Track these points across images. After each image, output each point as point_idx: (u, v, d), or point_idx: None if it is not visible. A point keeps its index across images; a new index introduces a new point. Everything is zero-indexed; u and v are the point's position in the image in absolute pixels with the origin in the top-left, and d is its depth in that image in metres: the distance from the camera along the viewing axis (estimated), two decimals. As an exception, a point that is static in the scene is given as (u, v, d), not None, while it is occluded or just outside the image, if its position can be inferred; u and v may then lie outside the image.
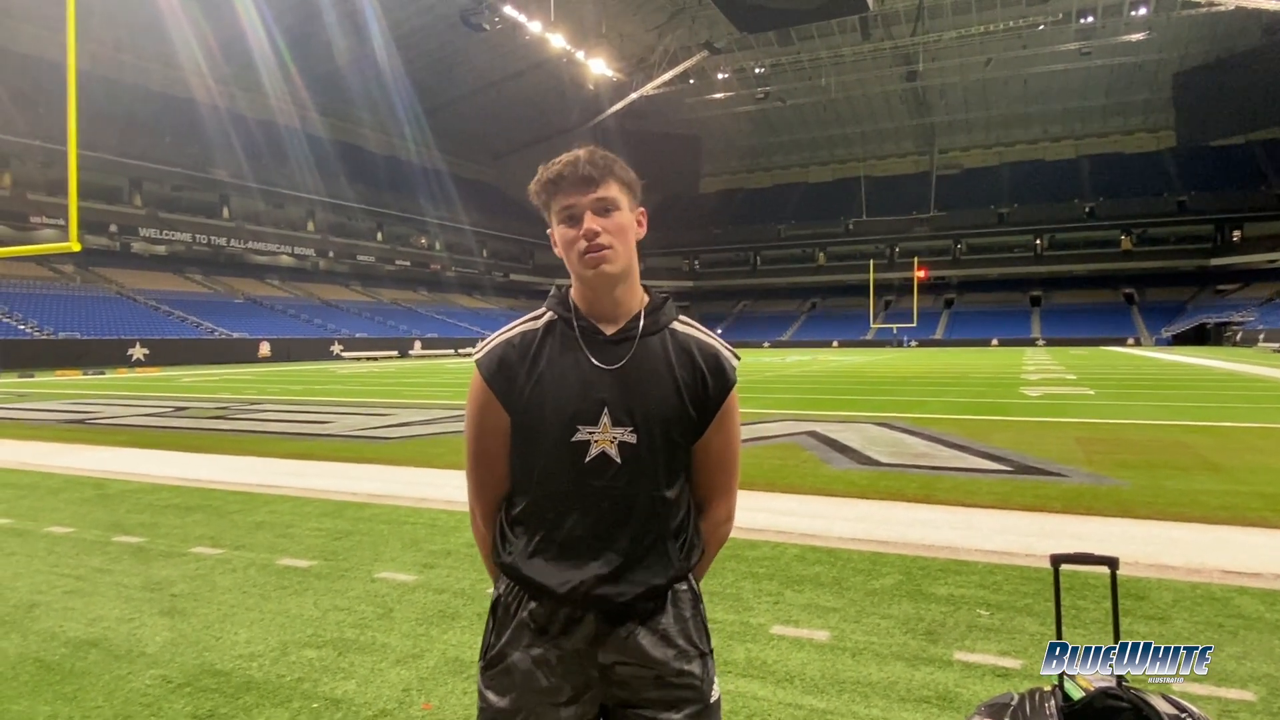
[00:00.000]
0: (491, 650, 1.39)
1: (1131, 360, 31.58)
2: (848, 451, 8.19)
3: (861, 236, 73.99)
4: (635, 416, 1.35)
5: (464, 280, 68.11)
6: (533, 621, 1.36)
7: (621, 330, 1.39)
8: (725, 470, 1.47)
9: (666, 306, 1.46)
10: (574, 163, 1.35)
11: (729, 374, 1.43)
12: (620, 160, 1.40)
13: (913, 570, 4.19)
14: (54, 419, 12.51)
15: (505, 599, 1.40)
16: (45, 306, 35.72)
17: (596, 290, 1.38)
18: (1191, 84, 59.69)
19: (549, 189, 1.37)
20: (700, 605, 1.44)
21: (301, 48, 51.82)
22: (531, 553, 1.37)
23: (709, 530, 1.49)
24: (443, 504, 5.96)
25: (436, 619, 3.55)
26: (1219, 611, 3.53)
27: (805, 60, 59.35)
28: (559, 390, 1.35)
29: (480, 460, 1.44)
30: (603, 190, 1.35)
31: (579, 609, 1.34)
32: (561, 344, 1.39)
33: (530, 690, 1.34)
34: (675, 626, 1.38)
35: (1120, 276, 66.18)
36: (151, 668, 3.05)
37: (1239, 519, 5.20)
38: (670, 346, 1.41)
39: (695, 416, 1.40)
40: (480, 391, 1.41)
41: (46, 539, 5.04)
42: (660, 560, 1.37)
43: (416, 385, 20.49)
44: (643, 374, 1.37)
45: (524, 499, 1.40)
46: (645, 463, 1.35)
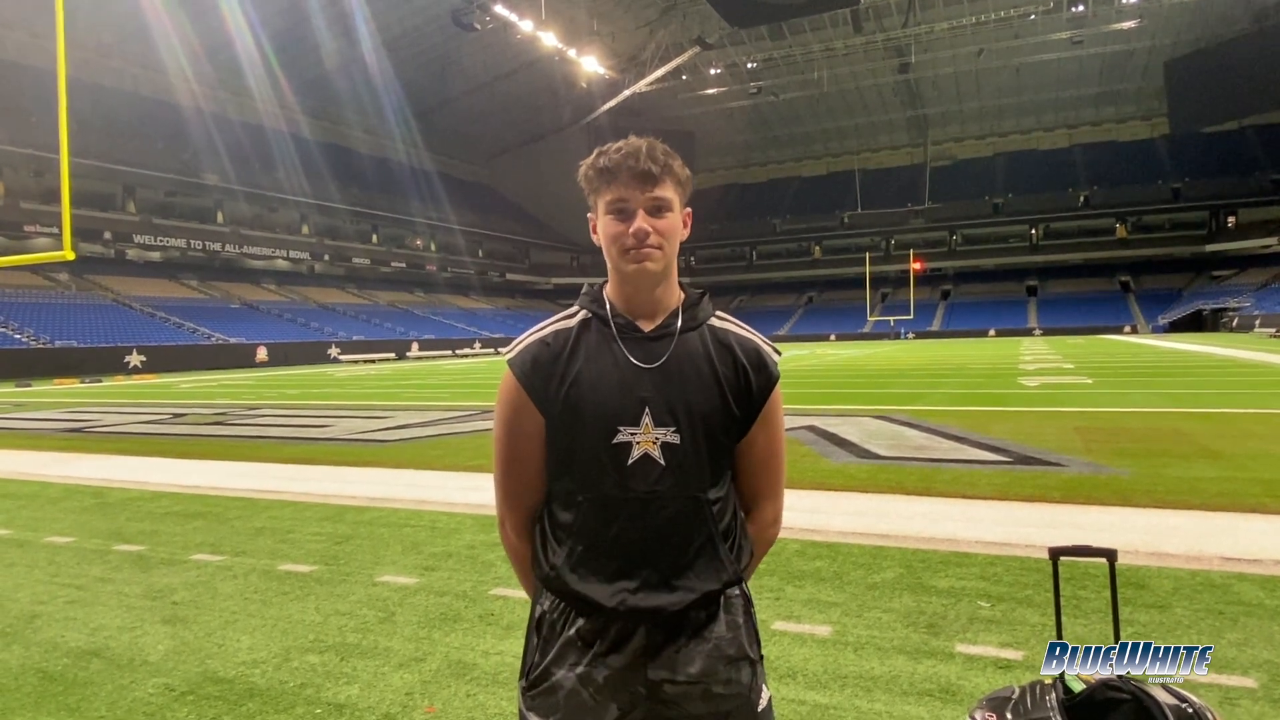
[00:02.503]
0: (535, 670, 1.32)
1: (1129, 348, 31.63)
2: (847, 445, 8.20)
3: (857, 230, 74.08)
4: (678, 416, 1.29)
5: (459, 281, 68.08)
6: (580, 639, 1.29)
7: (659, 327, 1.34)
8: (771, 470, 1.42)
9: (704, 302, 1.41)
10: (634, 155, 1.28)
11: (771, 369, 1.38)
12: (678, 157, 1.34)
13: (913, 563, 4.20)
14: (52, 428, 12.49)
15: (550, 616, 1.32)
16: (41, 315, 35.64)
17: (636, 287, 1.33)
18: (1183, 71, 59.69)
19: (604, 177, 1.30)
20: (752, 609, 1.39)
21: (290, 51, 51.73)
22: (575, 564, 1.30)
23: (756, 533, 1.44)
24: (443, 506, 5.96)
25: (438, 622, 3.54)
26: (1219, 599, 3.54)
27: (797, 54, 59.34)
28: (597, 390, 1.29)
29: (511, 466, 1.37)
30: (659, 190, 1.30)
31: (630, 623, 1.28)
32: (598, 342, 1.33)
33: (575, 711, 1.27)
34: (728, 635, 1.32)
35: (1116, 265, 66.28)
36: (154, 676, 3.05)
37: (1238, 505, 5.21)
38: (710, 343, 1.35)
39: (739, 414, 1.34)
40: (513, 392, 1.34)
41: (47, 549, 5.03)
42: (711, 564, 1.31)
43: (414, 387, 20.48)
44: (684, 371, 1.31)
45: (563, 506, 1.33)
46: (690, 464, 1.29)
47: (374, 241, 61.99)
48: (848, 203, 75.07)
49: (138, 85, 51.03)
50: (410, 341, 47.69)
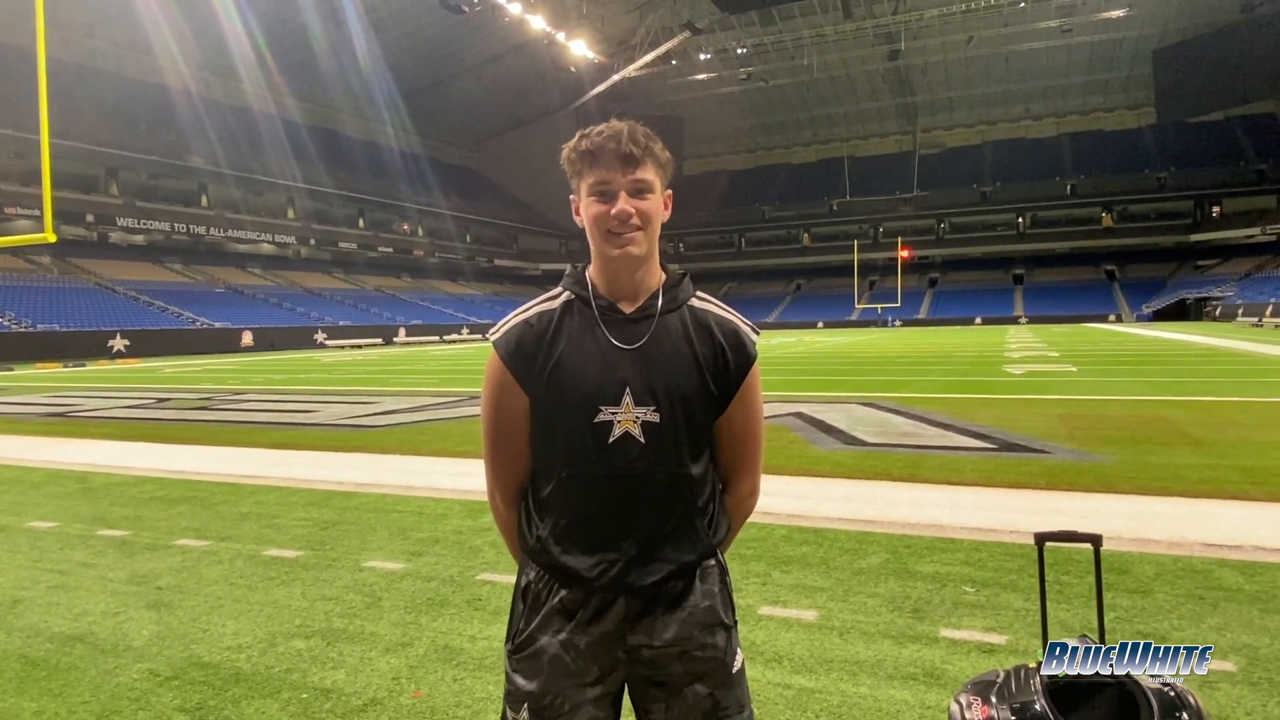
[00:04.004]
0: (520, 635, 1.39)
1: (1113, 337, 31.87)
2: (834, 432, 8.24)
3: (845, 217, 74.08)
4: (657, 395, 1.33)
5: (447, 266, 67.66)
6: (564, 608, 1.36)
7: (640, 309, 1.38)
8: (748, 446, 1.46)
9: (684, 283, 1.45)
10: (616, 137, 1.31)
11: (749, 349, 1.42)
12: (658, 139, 1.37)
13: (899, 549, 4.22)
14: (35, 412, 12.37)
15: (535, 586, 1.39)
16: (23, 299, 35.20)
17: (618, 270, 1.36)
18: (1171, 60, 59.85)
19: (586, 160, 1.33)
20: (727, 578, 1.44)
21: (276, 32, 51.05)
22: (559, 537, 1.36)
23: (733, 505, 1.49)
24: (429, 491, 5.95)
25: (425, 607, 3.54)
26: (1200, 584, 3.58)
27: (787, 40, 59.09)
28: (579, 371, 1.34)
29: (498, 442, 1.43)
30: (641, 171, 1.33)
31: (610, 593, 1.34)
32: (580, 324, 1.37)
33: (558, 674, 1.34)
34: (704, 603, 1.38)
35: (1102, 253, 66.65)
36: (139, 661, 3.03)
37: (1219, 492, 5.27)
38: (689, 323, 1.39)
39: (717, 393, 1.38)
40: (498, 372, 1.39)
41: (29, 534, 4.99)
42: (688, 537, 1.37)
43: (401, 373, 20.39)
44: (663, 352, 1.35)
45: (548, 482, 1.38)
46: (669, 442, 1.34)
47: (361, 226, 61.50)
48: (837, 190, 75.00)
49: (122, 66, 50.25)
50: (398, 327, 47.44)
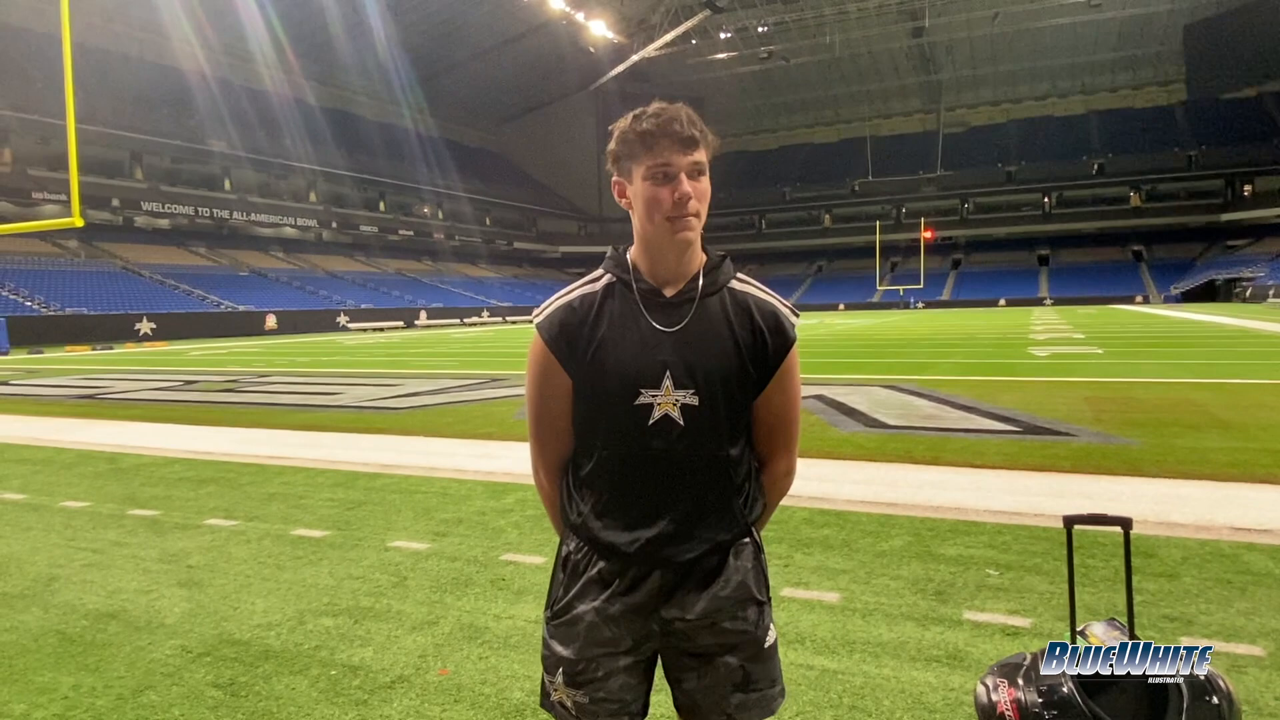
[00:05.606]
0: (559, 603, 1.43)
1: (1140, 318, 31.41)
2: (855, 414, 8.20)
3: (867, 198, 73.33)
4: (697, 378, 1.35)
5: (467, 249, 67.84)
6: (601, 579, 1.39)
7: (681, 292, 1.39)
8: (786, 427, 1.48)
9: (724, 265, 1.45)
10: (675, 119, 1.32)
11: (788, 331, 1.42)
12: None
13: (921, 531, 4.21)
14: (65, 395, 12.59)
15: (575, 556, 1.43)
16: (51, 282, 35.77)
17: (667, 254, 1.37)
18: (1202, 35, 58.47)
19: (644, 141, 1.33)
20: (761, 556, 1.47)
21: (294, 16, 51.15)
22: (600, 513, 1.39)
23: (769, 484, 1.51)
24: (453, 473, 6.00)
25: (450, 586, 3.58)
26: (1228, 568, 3.54)
27: (809, 17, 58.35)
28: (620, 354, 1.36)
29: (542, 421, 1.46)
30: (699, 154, 1.34)
31: (646, 567, 1.37)
32: (621, 307, 1.39)
33: (593, 642, 1.38)
34: (736, 578, 1.40)
35: (1129, 234, 65.58)
36: (171, 638, 3.10)
37: (1248, 476, 5.20)
38: (729, 305, 1.41)
39: (755, 375, 1.40)
40: (541, 355, 1.41)
41: (63, 513, 5.09)
42: (724, 516, 1.40)
43: (423, 356, 20.53)
44: (703, 335, 1.37)
45: (589, 461, 1.41)
46: (707, 424, 1.36)
47: (381, 209, 61.77)
48: (858, 170, 74.20)
49: (142, 51, 50.58)
50: (418, 310, 47.71)
